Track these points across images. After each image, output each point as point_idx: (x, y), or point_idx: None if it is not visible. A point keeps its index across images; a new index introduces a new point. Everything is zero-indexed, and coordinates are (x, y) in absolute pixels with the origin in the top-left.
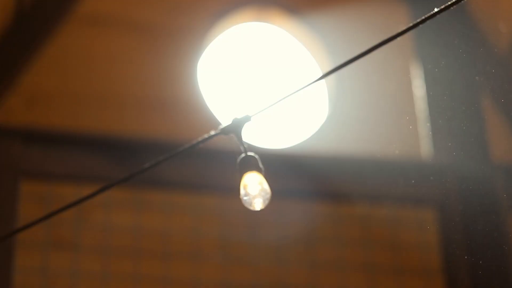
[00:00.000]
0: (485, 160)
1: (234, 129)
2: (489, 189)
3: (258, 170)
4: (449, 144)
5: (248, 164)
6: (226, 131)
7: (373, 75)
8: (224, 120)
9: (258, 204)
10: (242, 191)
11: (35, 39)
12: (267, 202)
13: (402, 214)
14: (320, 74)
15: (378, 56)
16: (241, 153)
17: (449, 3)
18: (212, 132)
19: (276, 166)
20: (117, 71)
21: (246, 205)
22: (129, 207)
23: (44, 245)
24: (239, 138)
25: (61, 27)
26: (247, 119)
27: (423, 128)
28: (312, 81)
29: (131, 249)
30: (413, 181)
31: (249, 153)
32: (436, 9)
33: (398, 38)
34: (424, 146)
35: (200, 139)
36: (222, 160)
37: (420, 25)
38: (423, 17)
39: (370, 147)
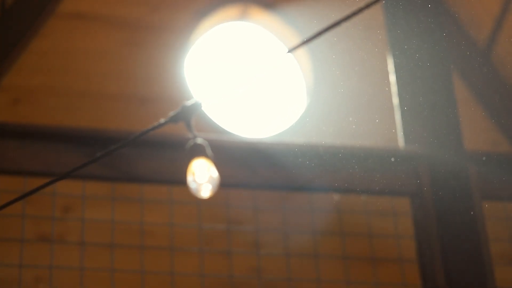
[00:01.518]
0: (459, 148)
1: (184, 116)
2: (463, 177)
3: (207, 156)
4: (423, 133)
5: (196, 151)
6: (175, 118)
7: (348, 67)
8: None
9: (205, 191)
10: (189, 178)
11: (18, 37)
12: (215, 189)
13: (377, 204)
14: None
15: (353, 47)
16: (190, 139)
17: None
18: (162, 120)
19: (251, 157)
20: (102, 67)
21: (194, 192)
22: (105, 201)
23: (22, 239)
24: (189, 125)
25: (45, 24)
26: (196, 106)
27: (397, 117)
28: (275, 59)
29: (108, 242)
30: (387, 171)
31: (198, 140)
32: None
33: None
34: (398, 136)
35: (150, 127)
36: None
37: (395, 16)
38: None
39: (345, 138)
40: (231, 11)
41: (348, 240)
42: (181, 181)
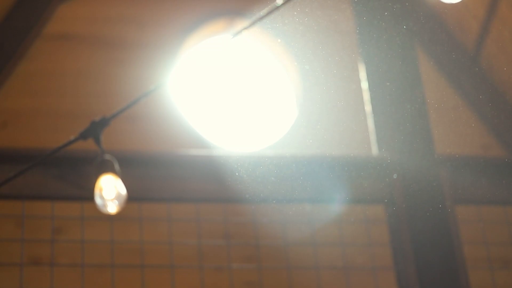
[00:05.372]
0: (430, 154)
1: (93, 133)
2: (435, 182)
3: (114, 172)
4: (394, 140)
5: (104, 166)
6: (84, 135)
7: (320, 76)
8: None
9: (112, 207)
10: (97, 194)
11: (5, 60)
12: (122, 205)
13: (351, 212)
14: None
15: (326, 56)
16: (100, 155)
17: None
18: (72, 137)
19: (222, 171)
20: (89, 87)
21: (101, 207)
22: (103, 222)
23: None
24: (98, 141)
25: (31, 47)
26: (104, 122)
27: (369, 124)
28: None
29: (108, 263)
30: (360, 179)
31: (106, 156)
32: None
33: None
34: (370, 143)
35: (61, 145)
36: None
37: (366, 24)
38: None
39: (318, 147)
40: (217, 25)
41: (323, 249)
42: (152, 198)
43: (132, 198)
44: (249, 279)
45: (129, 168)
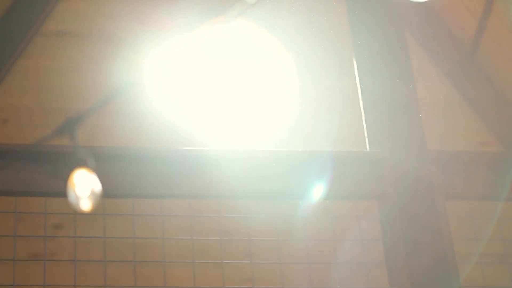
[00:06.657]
0: (422, 150)
1: (68, 129)
2: (426, 177)
3: (89, 168)
4: (386, 135)
5: (79, 162)
6: (60, 130)
7: (313, 70)
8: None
9: (85, 204)
10: (70, 190)
11: (5, 57)
12: (97, 201)
13: (342, 207)
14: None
15: (319, 52)
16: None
17: None
18: (49, 133)
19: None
20: (89, 83)
21: (74, 204)
22: (96, 218)
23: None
24: (73, 137)
25: (30, 43)
26: (79, 118)
27: (360, 121)
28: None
29: (101, 259)
30: (353, 174)
31: (81, 152)
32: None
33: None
34: (362, 139)
35: (38, 141)
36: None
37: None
38: None
39: (310, 143)
40: (214, 20)
41: (316, 245)
42: (145, 195)
43: (125, 194)
44: (242, 275)
45: (122, 164)
